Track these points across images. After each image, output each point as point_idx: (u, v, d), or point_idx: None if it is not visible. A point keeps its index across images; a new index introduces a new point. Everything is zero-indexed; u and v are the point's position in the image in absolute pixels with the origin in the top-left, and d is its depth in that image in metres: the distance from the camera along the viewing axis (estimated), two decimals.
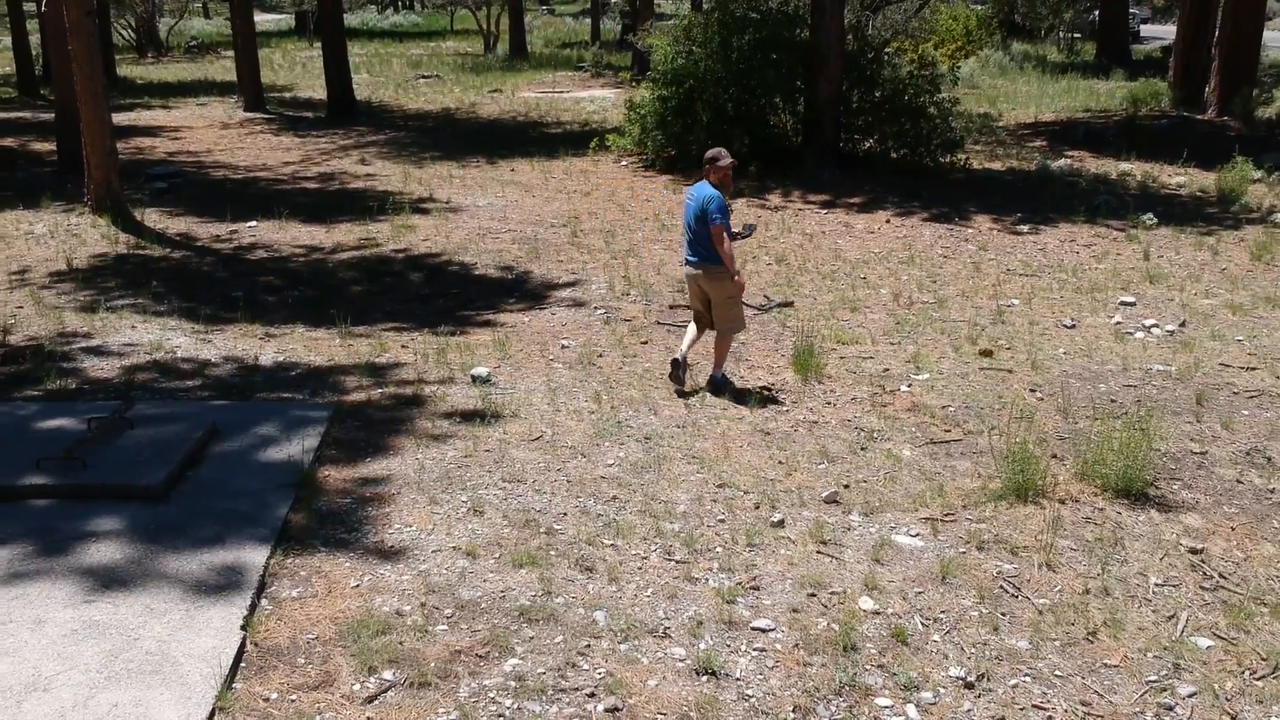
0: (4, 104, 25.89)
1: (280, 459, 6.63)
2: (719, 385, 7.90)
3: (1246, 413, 7.61)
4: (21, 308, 9.96)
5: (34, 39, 27.41)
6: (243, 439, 6.92)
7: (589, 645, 4.87)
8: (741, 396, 7.83)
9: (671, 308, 10.00)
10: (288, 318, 9.78)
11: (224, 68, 33.55)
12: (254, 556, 5.50)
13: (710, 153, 7.68)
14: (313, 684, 4.59)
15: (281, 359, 8.64)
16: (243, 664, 4.72)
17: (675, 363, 7.83)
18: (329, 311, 9.87)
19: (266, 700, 4.49)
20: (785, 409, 7.66)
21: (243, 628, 4.92)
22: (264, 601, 5.19)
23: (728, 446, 6.99)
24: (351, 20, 50.15)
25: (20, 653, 4.70)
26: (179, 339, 9.09)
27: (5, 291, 10.52)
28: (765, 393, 7.89)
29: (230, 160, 18.25)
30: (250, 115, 23.59)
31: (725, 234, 7.55)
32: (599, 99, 26.08)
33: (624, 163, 17.47)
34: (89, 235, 12.78)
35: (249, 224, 13.44)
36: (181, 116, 23.52)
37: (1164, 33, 41.02)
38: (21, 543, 5.60)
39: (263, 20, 50.85)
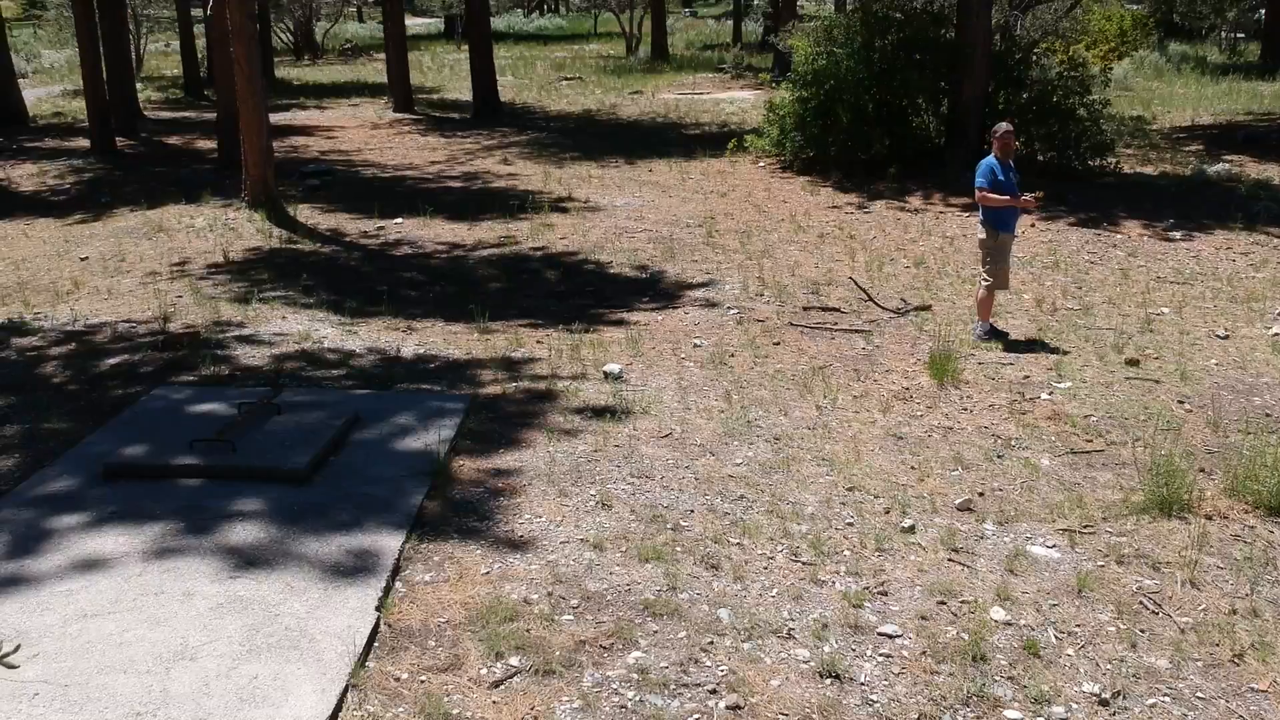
0: (171, 104, 27.20)
1: (417, 448, 6.82)
2: (987, 333, 9.08)
3: None
4: (181, 297, 10.46)
5: (200, 43, 28.70)
6: (382, 427, 7.14)
7: (712, 642, 4.88)
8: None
9: (805, 309, 9.93)
10: (429, 312, 10.04)
11: (375, 70, 34.59)
12: (389, 541, 5.67)
13: (994, 128, 9.08)
14: (442, 666, 4.71)
15: (421, 351, 8.87)
16: (376, 644, 4.87)
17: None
18: (468, 307, 10.10)
19: (397, 680, 4.62)
20: (919, 414, 7.53)
21: (377, 609, 5.07)
22: (398, 584, 5.34)
23: (859, 450, 6.91)
24: (498, 23, 51.09)
25: (170, 623, 4.94)
26: (326, 330, 9.42)
27: (166, 281, 11.07)
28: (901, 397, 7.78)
29: (379, 159, 18.82)
30: (399, 116, 24.28)
31: (987, 194, 8.78)
32: (738, 100, 26.04)
33: (762, 164, 17.41)
34: (245, 229, 13.34)
35: (395, 221, 13.84)
36: (334, 117, 24.35)
37: None
38: (173, 519, 5.88)
39: (413, 24, 52.23)
